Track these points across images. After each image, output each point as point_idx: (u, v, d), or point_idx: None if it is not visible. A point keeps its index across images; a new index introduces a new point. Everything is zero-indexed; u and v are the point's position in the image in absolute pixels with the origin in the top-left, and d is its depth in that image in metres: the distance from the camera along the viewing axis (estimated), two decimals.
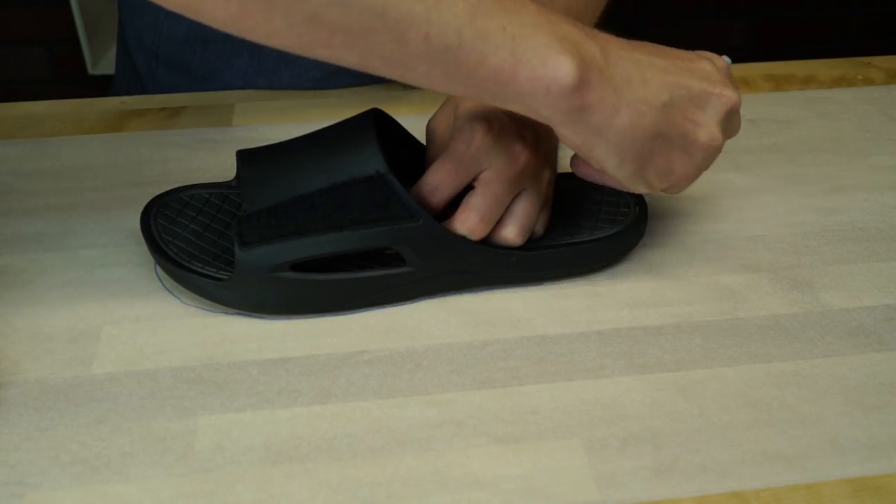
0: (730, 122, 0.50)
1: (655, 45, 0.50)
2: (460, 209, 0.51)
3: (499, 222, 0.52)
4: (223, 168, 0.63)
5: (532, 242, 0.54)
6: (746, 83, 0.77)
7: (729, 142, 0.68)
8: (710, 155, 0.50)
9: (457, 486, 0.42)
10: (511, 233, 0.52)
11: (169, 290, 0.53)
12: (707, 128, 0.49)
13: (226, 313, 0.52)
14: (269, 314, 0.52)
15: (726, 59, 0.54)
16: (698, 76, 0.49)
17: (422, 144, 0.56)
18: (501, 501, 0.42)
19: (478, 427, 0.45)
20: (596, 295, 0.54)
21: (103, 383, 0.47)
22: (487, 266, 0.53)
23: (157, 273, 0.55)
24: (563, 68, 0.43)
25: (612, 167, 0.47)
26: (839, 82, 0.78)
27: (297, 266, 0.50)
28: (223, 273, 0.51)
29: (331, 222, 0.49)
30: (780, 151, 0.68)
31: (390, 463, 0.43)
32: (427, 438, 0.45)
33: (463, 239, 0.51)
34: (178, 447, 0.44)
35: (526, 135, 0.51)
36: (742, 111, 0.71)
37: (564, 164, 0.57)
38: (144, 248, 0.54)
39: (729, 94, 0.49)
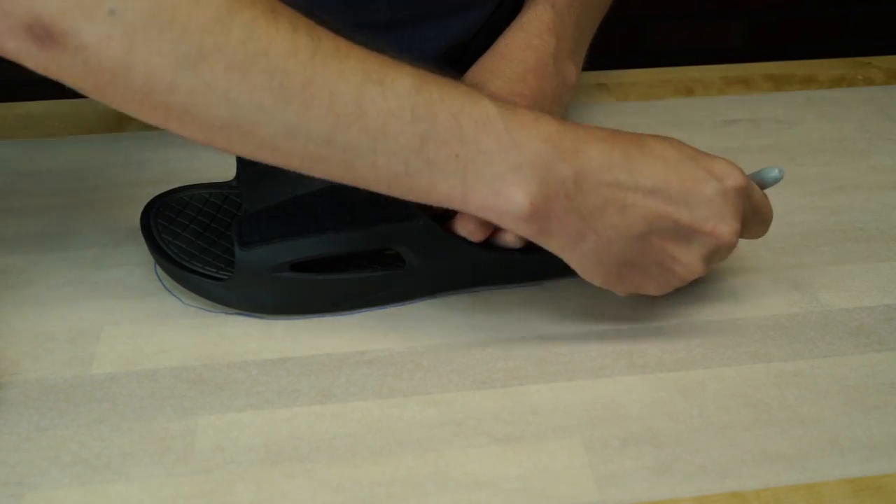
0: (716, 256, 0.48)
1: (671, 147, 0.46)
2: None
3: None
4: (223, 168, 0.63)
5: (532, 243, 0.54)
6: (746, 83, 0.77)
7: (729, 141, 0.69)
8: (690, 279, 0.48)
9: (457, 486, 0.42)
10: (511, 235, 0.52)
11: (169, 290, 0.53)
12: (686, 264, 0.47)
13: (226, 313, 0.52)
14: (269, 314, 0.52)
15: (779, 171, 0.51)
16: (694, 205, 0.45)
17: None
18: (501, 501, 0.42)
19: (478, 427, 0.45)
20: (596, 295, 0.54)
21: (103, 383, 0.47)
22: (487, 267, 0.53)
23: (157, 273, 0.54)
24: (513, 201, 0.42)
25: (581, 273, 0.47)
26: (839, 82, 0.78)
27: (297, 266, 0.50)
28: (223, 273, 0.51)
29: (331, 222, 0.49)
30: (780, 151, 0.68)
31: (390, 463, 0.43)
32: (427, 438, 0.45)
33: (463, 240, 0.51)
34: (178, 447, 0.44)
35: None
36: (742, 111, 0.70)
37: None
38: (144, 248, 0.54)
39: (721, 232, 0.46)
